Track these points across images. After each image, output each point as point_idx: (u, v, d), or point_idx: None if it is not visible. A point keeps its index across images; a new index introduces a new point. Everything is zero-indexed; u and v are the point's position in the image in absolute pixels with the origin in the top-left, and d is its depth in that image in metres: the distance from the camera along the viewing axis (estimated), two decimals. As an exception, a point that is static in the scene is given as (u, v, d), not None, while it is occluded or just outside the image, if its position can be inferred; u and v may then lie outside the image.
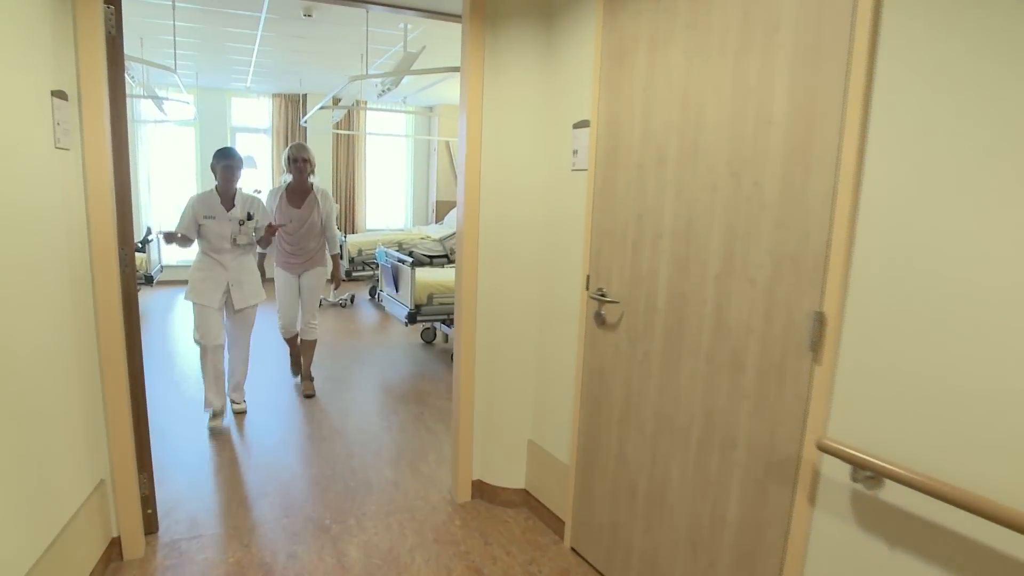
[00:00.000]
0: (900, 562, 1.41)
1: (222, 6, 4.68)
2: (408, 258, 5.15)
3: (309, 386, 4.50)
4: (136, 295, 2.47)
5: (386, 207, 10.07)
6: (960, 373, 1.28)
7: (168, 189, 8.70)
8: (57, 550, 1.98)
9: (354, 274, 7.51)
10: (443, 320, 5.22)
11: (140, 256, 6.81)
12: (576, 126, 2.42)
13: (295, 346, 4.62)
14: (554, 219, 2.64)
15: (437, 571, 2.46)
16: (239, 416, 4.00)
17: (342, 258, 6.75)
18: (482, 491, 3.01)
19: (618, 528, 2.35)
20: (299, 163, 4.16)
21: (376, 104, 8.51)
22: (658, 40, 2.02)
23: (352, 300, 7.85)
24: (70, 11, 2.11)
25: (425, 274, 5.14)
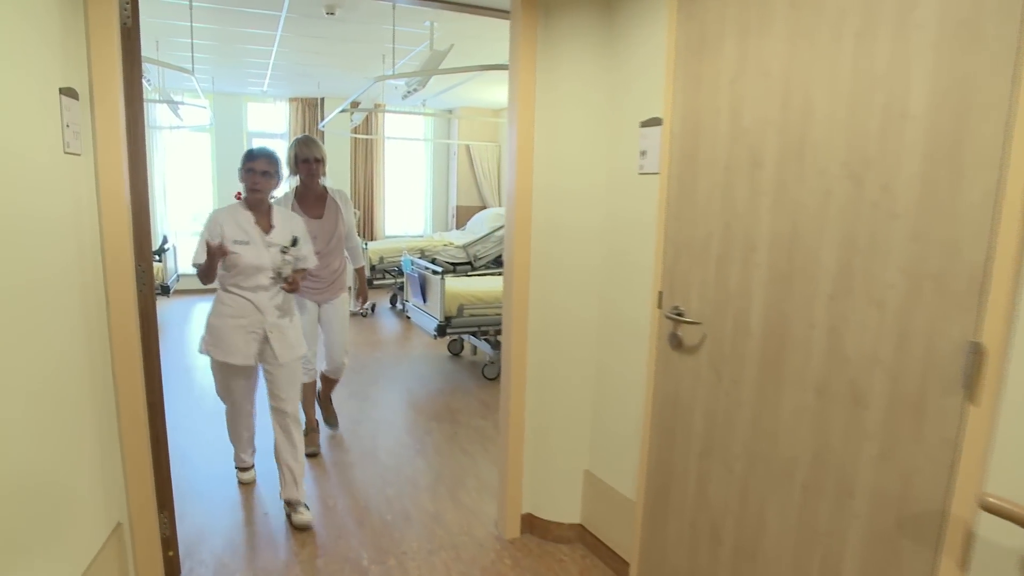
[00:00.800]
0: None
1: (240, 5, 4.47)
2: (437, 267, 4.91)
3: (333, 417, 3.88)
4: (155, 316, 2.24)
5: (405, 213, 9.85)
6: None
7: (183, 198, 8.52)
8: (72, 610, 1.75)
9: (375, 282, 7.30)
10: (473, 332, 4.97)
11: (156, 265, 6.63)
12: (644, 124, 2.17)
13: (312, 391, 3.65)
14: (616, 226, 2.39)
15: (491, 622, 2.21)
16: (301, 530, 2.77)
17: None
18: (532, 525, 2.75)
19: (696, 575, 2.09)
20: (311, 164, 3.28)
21: (395, 107, 8.30)
22: (751, 25, 1.76)
23: (373, 309, 7.63)
24: (81, -1, 1.88)
25: (455, 284, 4.90)
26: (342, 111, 6.83)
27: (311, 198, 3.38)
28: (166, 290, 6.89)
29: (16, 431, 1.50)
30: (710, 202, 1.93)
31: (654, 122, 2.12)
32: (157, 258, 6.84)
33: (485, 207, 9.31)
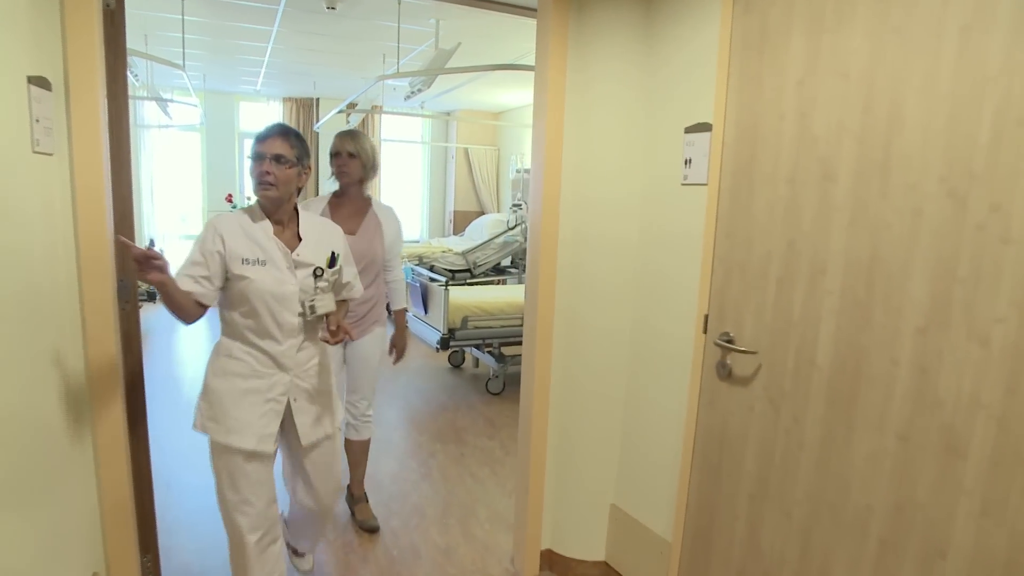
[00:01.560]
0: None
1: (236, -2, 4.24)
2: (440, 276, 4.68)
3: (367, 510, 2.87)
4: (139, 341, 2.00)
5: (401, 217, 9.57)
6: None
7: (172, 199, 8.23)
8: None
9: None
10: (476, 344, 4.75)
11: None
12: (689, 130, 1.97)
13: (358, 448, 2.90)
14: (653, 240, 2.18)
15: None
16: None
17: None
18: (552, 562, 2.53)
19: (745, 631, 1.88)
20: (342, 158, 2.60)
21: (392, 108, 8.07)
22: (825, 18, 1.56)
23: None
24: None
25: (459, 294, 4.67)
26: (339, 112, 6.60)
27: (347, 208, 2.66)
28: (152, 296, 6.60)
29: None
30: (770, 218, 1.73)
31: (702, 127, 1.92)
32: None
33: (483, 212, 9.09)
